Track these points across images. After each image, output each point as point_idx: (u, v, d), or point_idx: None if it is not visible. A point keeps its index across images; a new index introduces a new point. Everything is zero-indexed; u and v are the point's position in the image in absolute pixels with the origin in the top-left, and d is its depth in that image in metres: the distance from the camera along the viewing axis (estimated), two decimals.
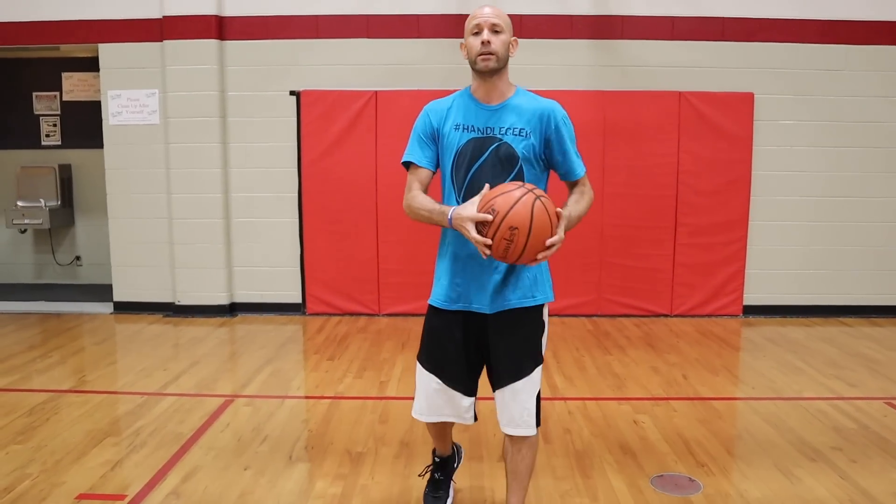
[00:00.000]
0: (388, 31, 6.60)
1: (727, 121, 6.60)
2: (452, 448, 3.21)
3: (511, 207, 2.35)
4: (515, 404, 2.72)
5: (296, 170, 6.74)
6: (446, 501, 3.14)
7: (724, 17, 6.58)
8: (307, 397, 4.67)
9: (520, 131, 2.62)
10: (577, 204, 2.70)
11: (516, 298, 2.71)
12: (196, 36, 6.52)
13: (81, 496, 3.22)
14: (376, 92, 6.58)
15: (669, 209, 6.71)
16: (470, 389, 2.82)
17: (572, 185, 2.77)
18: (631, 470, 3.53)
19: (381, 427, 4.08)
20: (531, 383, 2.74)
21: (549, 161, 2.70)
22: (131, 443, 3.83)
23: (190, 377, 5.00)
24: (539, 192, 2.42)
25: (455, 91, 2.78)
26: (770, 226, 6.78)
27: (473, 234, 2.40)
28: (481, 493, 3.30)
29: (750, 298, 6.87)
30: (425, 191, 2.69)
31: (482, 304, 2.69)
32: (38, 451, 3.70)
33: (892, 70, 6.62)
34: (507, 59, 2.64)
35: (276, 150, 6.75)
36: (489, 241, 2.37)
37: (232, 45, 6.65)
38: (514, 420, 2.73)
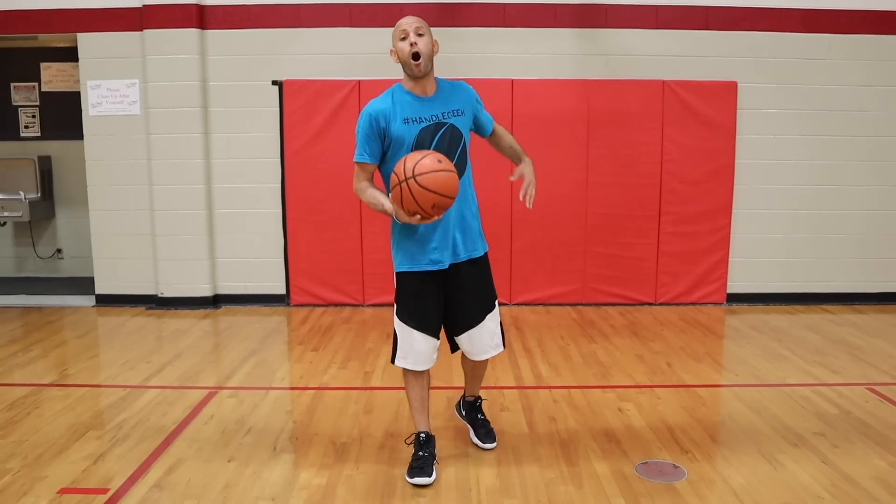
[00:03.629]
0: (370, 20, 6.56)
1: (711, 110, 6.62)
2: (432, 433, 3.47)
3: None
4: (484, 336, 3.41)
5: (279, 160, 6.69)
6: (431, 476, 3.25)
7: (707, 6, 6.58)
8: (291, 388, 4.65)
9: (458, 112, 3.22)
10: (508, 135, 3.52)
11: (475, 250, 3.35)
12: (177, 25, 6.44)
13: (63, 490, 3.19)
14: (359, 81, 6.54)
15: (653, 198, 6.72)
16: (438, 334, 3.39)
17: (492, 133, 3.48)
18: (616, 457, 3.54)
19: (366, 417, 4.08)
20: (496, 315, 3.46)
21: (476, 124, 3.38)
22: (114, 436, 3.80)
23: (173, 369, 4.97)
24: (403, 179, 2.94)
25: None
26: (753, 214, 6.81)
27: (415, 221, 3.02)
28: (466, 478, 3.31)
29: (734, 286, 6.91)
30: (371, 179, 3.27)
31: (453, 259, 3.28)
32: (19, 446, 3.66)
33: (873, 59, 6.65)
34: (432, 58, 3.16)
35: (259, 140, 6.70)
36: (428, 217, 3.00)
37: (213, 35, 6.58)
38: (485, 349, 3.44)
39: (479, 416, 3.73)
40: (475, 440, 3.67)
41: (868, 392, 4.48)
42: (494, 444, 3.65)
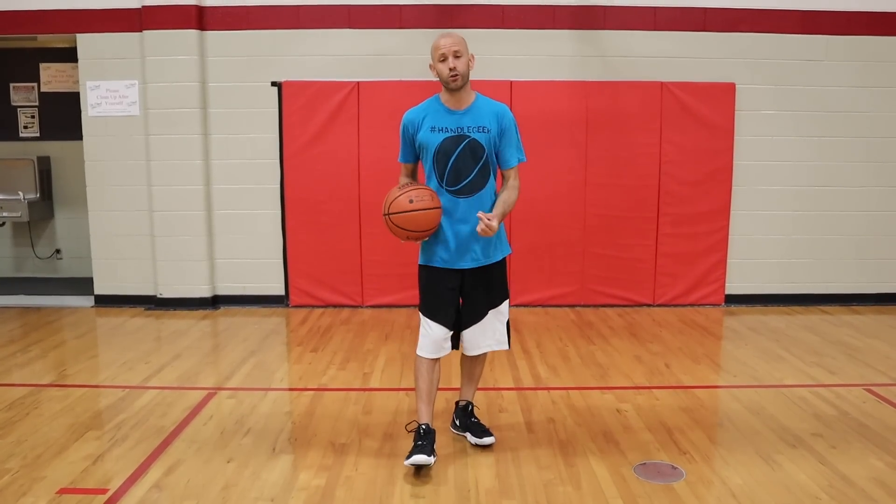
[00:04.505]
0: (369, 22, 6.57)
1: (709, 111, 6.63)
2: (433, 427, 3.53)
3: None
4: (486, 331, 3.58)
5: (278, 161, 6.70)
6: (431, 455, 3.34)
7: (705, 8, 6.60)
8: (290, 389, 4.65)
9: (483, 128, 3.39)
10: (508, 194, 3.45)
11: (493, 256, 3.51)
12: (176, 26, 6.45)
13: (62, 491, 3.19)
14: (358, 83, 6.55)
15: (652, 199, 6.73)
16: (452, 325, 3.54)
17: (505, 174, 3.51)
18: (614, 458, 3.55)
19: (365, 418, 4.08)
20: (500, 314, 3.60)
21: (498, 150, 3.46)
22: (113, 436, 3.80)
23: (172, 370, 4.97)
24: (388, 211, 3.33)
25: (432, 82, 3.42)
26: (752, 215, 6.82)
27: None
28: (465, 480, 3.31)
29: (732, 287, 6.92)
30: (412, 175, 3.61)
31: (471, 263, 3.46)
32: (18, 446, 3.66)
33: (871, 60, 6.67)
34: (469, 74, 3.38)
35: (258, 141, 6.71)
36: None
37: (212, 36, 6.58)
38: (480, 344, 3.60)
39: (472, 419, 3.79)
40: (473, 440, 3.69)
41: (866, 393, 4.49)
42: (493, 438, 3.68)
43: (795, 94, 6.68)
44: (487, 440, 3.67)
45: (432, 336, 3.47)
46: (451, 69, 3.30)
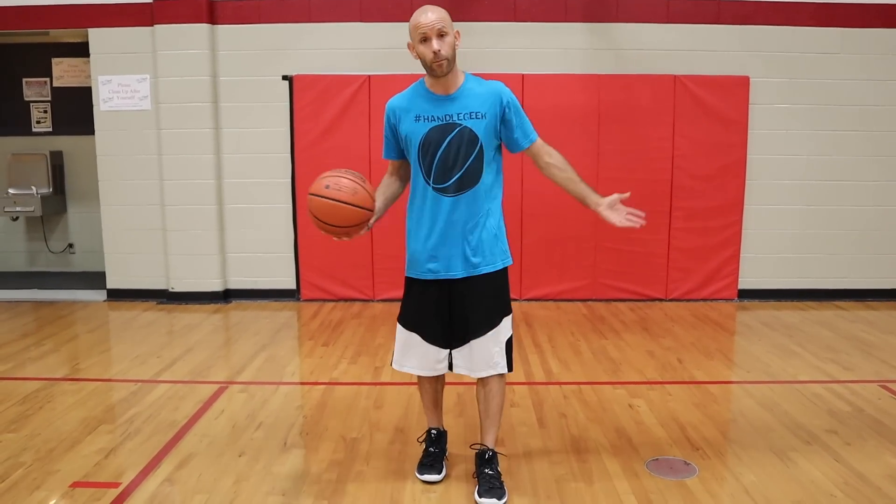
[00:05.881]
0: (381, 15, 6.55)
1: (723, 104, 6.58)
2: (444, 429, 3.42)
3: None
4: (483, 351, 3.05)
5: (289, 155, 6.70)
6: (440, 473, 3.25)
7: (719, 0, 6.54)
8: (302, 383, 4.66)
9: (476, 114, 2.91)
10: (569, 170, 3.18)
11: (490, 264, 3.05)
12: (187, 20, 6.45)
13: (75, 484, 3.20)
14: (369, 76, 6.54)
15: (665, 193, 6.69)
16: (446, 343, 3.12)
17: (534, 152, 3.08)
18: (626, 454, 3.53)
19: (376, 413, 4.08)
20: (501, 333, 3.07)
21: (505, 134, 3.00)
22: (125, 430, 3.81)
23: (184, 364, 4.99)
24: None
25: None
26: (765, 209, 6.77)
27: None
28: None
29: (745, 282, 6.87)
30: (398, 173, 3.20)
31: (457, 271, 3.02)
32: (31, 440, 3.68)
33: (887, 53, 6.59)
34: (455, 55, 2.89)
35: (269, 135, 6.71)
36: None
37: (223, 30, 6.59)
38: (481, 365, 3.07)
39: (486, 469, 3.12)
40: (477, 498, 3.04)
41: (881, 389, 4.45)
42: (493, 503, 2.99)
43: (810, 87, 6.62)
44: (485, 502, 2.98)
45: (422, 354, 3.11)
46: (434, 52, 2.79)
